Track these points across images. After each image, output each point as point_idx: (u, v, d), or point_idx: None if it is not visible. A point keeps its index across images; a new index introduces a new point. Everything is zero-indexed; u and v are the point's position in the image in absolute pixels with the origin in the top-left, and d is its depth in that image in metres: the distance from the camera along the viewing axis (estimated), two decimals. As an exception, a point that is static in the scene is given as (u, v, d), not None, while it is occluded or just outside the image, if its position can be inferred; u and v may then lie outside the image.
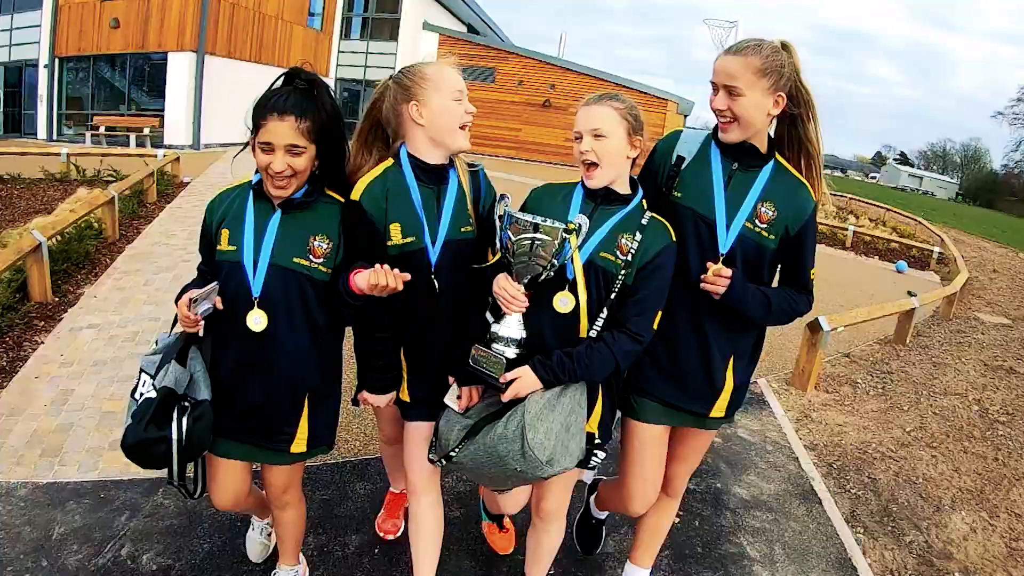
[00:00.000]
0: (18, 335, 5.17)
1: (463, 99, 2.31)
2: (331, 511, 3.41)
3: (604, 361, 2.18)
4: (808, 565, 3.45)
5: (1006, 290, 14.38)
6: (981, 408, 6.03)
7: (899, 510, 4.10)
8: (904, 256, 16.60)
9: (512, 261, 2.13)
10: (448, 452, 2.23)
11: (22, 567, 2.84)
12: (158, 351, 2.26)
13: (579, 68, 27.27)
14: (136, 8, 20.28)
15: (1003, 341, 8.99)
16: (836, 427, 5.27)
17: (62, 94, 22.47)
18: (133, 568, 2.89)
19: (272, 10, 23.15)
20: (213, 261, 2.26)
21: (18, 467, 3.57)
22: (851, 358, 7.29)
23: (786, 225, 2.32)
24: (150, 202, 10.48)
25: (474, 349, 2.20)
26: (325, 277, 2.25)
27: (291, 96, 2.11)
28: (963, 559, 3.68)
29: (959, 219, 34.21)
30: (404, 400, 2.46)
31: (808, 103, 2.31)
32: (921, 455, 4.89)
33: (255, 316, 2.19)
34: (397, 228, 2.27)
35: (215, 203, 2.30)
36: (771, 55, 2.20)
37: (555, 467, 2.12)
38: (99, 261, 7.32)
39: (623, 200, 2.28)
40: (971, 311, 11.18)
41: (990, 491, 4.47)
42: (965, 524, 4.02)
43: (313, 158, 2.19)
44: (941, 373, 7.07)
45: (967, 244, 22.77)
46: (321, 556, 3.06)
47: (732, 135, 2.29)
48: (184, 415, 2.12)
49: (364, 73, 27.92)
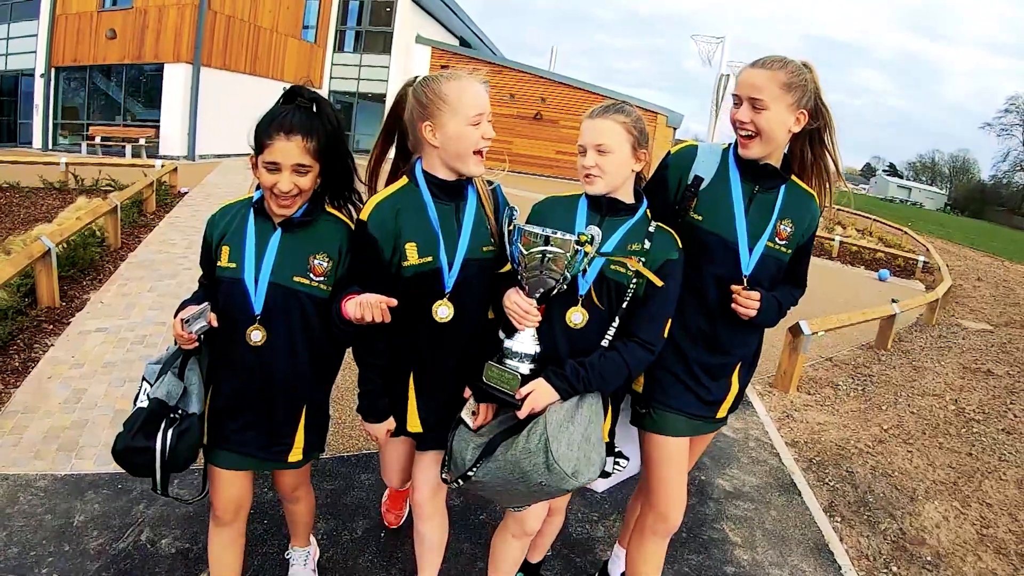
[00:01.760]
0: (29, 338, 5.34)
1: (482, 122, 2.21)
2: (339, 499, 3.59)
3: (617, 370, 2.18)
4: (787, 550, 3.65)
5: (989, 298, 14.63)
6: (958, 408, 6.26)
7: (875, 501, 4.32)
8: (889, 265, 16.83)
9: (524, 275, 2.10)
10: (465, 472, 2.18)
11: (45, 552, 3.00)
12: (159, 360, 2.26)
13: (570, 81, 27.79)
14: (133, 19, 20.57)
15: (983, 346, 9.23)
16: (817, 425, 5.49)
17: (58, 104, 22.68)
18: (152, 552, 3.05)
19: (267, 23, 23.44)
20: (214, 276, 2.26)
21: (37, 460, 3.73)
22: (833, 362, 7.51)
23: (799, 235, 2.39)
24: (149, 212, 10.67)
25: (486, 367, 2.17)
26: (325, 295, 2.25)
27: (296, 115, 2.11)
28: (935, 544, 3.89)
29: (945, 229, 34.58)
30: (416, 431, 2.41)
31: (828, 124, 2.34)
32: (897, 450, 5.12)
33: (255, 332, 2.20)
34: (413, 248, 2.21)
35: (215, 219, 2.30)
36: (796, 71, 2.22)
37: (580, 479, 2.11)
38: (103, 268, 7.49)
39: (629, 210, 2.26)
40: (954, 318, 11.43)
41: (963, 483, 4.69)
42: (938, 513, 4.23)
43: (317, 176, 2.19)
44: (920, 376, 7.30)
45: (953, 253, 23.08)
46: (330, 540, 3.25)
47: (753, 151, 2.29)
48: (171, 427, 2.13)
49: (357, 86, 28.28)
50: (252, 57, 22.95)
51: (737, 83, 2.30)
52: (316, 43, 26.84)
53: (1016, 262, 23.63)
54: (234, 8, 21.64)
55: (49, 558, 2.97)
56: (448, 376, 2.35)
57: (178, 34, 20.04)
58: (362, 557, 3.17)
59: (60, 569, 2.90)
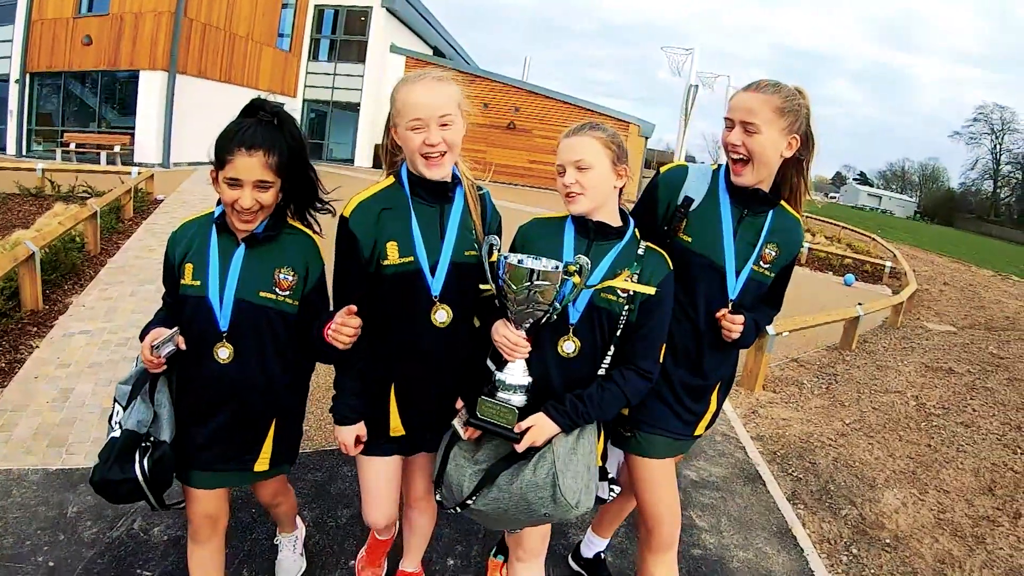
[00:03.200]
0: (14, 339, 5.42)
1: (423, 128, 2.13)
2: (323, 489, 3.74)
3: (615, 401, 2.16)
4: (752, 534, 3.85)
5: (955, 301, 15.03)
6: (919, 403, 6.52)
7: (836, 489, 4.53)
8: (857, 271, 17.22)
9: (511, 308, 2.05)
10: (464, 500, 2.15)
11: (41, 541, 3.10)
12: (129, 379, 2.24)
13: (543, 91, 28.10)
14: (109, 26, 20.51)
15: (946, 346, 9.51)
16: (781, 421, 5.72)
17: (33, 110, 22.51)
18: (145, 539, 3.16)
19: (242, 31, 23.47)
20: (177, 294, 2.23)
21: (28, 456, 3.83)
22: (799, 362, 7.76)
23: (783, 260, 2.42)
24: (127, 218, 10.71)
25: (479, 402, 2.12)
26: (293, 309, 2.24)
27: (258, 130, 2.06)
28: (894, 528, 4.11)
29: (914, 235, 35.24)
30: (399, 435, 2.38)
31: (811, 150, 2.35)
32: (859, 443, 5.35)
33: (222, 350, 2.18)
34: (394, 247, 2.18)
35: (176, 236, 2.25)
36: (790, 96, 2.22)
37: (581, 508, 2.11)
38: (84, 273, 7.57)
39: (617, 234, 2.22)
40: (919, 320, 11.76)
41: (921, 472, 4.92)
42: (897, 499, 4.45)
43: (279, 191, 2.15)
44: (883, 374, 7.56)
45: (920, 260, 23.59)
46: (317, 526, 3.39)
47: (745, 178, 2.28)
48: (145, 457, 2.12)
49: (332, 95, 28.36)
50: (227, 65, 22.95)
51: (730, 106, 2.29)
52: (291, 52, 26.90)
53: (982, 267, 24.18)
54: (210, 16, 21.65)
55: (45, 547, 3.07)
56: (433, 380, 2.32)
57: (154, 41, 20.02)
58: (347, 542, 3.31)
59: (56, 557, 3.00)
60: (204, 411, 2.25)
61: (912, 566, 3.74)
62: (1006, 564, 3.83)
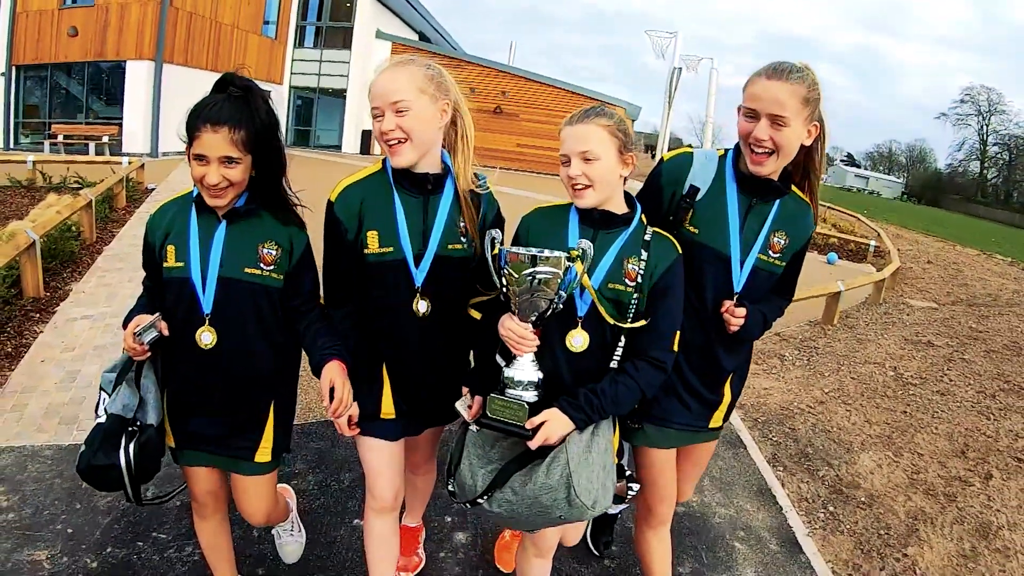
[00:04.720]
0: (18, 325, 5.56)
1: (380, 117, 2.12)
2: (326, 455, 3.93)
3: (630, 394, 2.08)
4: (733, 493, 4.07)
5: (938, 279, 15.21)
6: (896, 374, 6.75)
7: (814, 452, 4.76)
8: (841, 250, 17.39)
9: (515, 299, 2.00)
10: (475, 499, 2.11)
11: (58, 510, 3.27)
12: (114, 367, 2.21)
13: (530, 75, 28.19)
14: (95, 16, 20.45)
15: (926, 321, 9.73)
16: (763, 391, 5.94)
17: (19, 102, 22.42)
18: (159, 506, 3.29)
19: (228, 19, 23.37)
20: (160, 278, 2.18)
21: (40, 433, 3.99)
22: (781, 336, 7.98)
23: (794, 248, 2.33)
24: (120, 207, 10.78)
25: (489, 399, 2.06)
26: (278, 284, 2.20)
27: (224, 105, 2.03)
28: (869, 488, 4.33)
29: (900, 215, 35.47)
30: (389, 417, 2.36)
31: (823, 133, 2.24)
32: (837, 410, 5.59)
33: (205, 335, 2.14)
34: (375, 236, 2.17)
35: (155, 219, 2.20)
36: (812, 84, 2.09)
37: (598, 509, 2.07)
38: (81, 260, 7.69)
39: (623, 221, 2.15)
40: (902, 297, 11.97)
41: (896, 436, 5.15)
42: (872, 461, 4.68)
43: (249, 168, 2.09)
44: (863, 347, 7.79)
45: (906, 239, 23.76)
46: (321, 490, 3.59)
47: (768, 168, 2.17)
48: (131, 441, 2.09)
49: (318, 81, 28.30)
50: (214, 53, 22.86)
51: (750, 95, 2.14)
52: (277, 39, 26.79)
53: (967, 246, 24.42)
54: (195, 4, 21.56)
55: (63, 516, 3.23)
56: (418, 366, 2.33)
57: (140, 31, 19.97)
58: (351, 502, 3.51)
59: (74, 524, 3.17)
60: (193, 395, 2.25)
61: (886, 521, 3.97)
62: (976, 520, 4.06)
